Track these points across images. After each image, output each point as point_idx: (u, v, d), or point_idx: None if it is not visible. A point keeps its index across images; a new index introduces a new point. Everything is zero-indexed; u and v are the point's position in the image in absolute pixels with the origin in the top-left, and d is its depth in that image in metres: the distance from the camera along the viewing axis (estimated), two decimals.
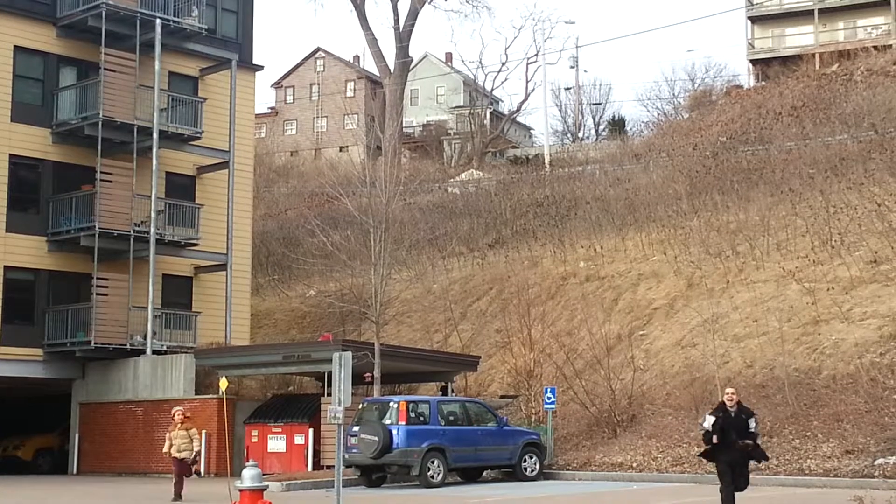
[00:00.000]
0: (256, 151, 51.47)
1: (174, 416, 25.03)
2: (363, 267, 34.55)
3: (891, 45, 58.09)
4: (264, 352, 33.73)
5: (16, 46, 35.69)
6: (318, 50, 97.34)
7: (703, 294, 33.99)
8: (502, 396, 34.27)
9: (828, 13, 63.57)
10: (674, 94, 76.55)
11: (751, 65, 65.47)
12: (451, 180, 61.18)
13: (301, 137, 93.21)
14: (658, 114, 74.13)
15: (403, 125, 76.42)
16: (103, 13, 35.32)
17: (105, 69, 35.24)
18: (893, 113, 45.28)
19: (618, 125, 77.44)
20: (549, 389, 29.84)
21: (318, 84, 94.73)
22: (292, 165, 78.95)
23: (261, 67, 41.46)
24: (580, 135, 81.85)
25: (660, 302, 35.53)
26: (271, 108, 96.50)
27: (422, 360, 33.17)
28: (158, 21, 36.30)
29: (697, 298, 34.22)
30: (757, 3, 65.76)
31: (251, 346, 37.67)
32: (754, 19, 65.89)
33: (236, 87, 38.66)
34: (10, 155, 35.33)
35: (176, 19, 37.03)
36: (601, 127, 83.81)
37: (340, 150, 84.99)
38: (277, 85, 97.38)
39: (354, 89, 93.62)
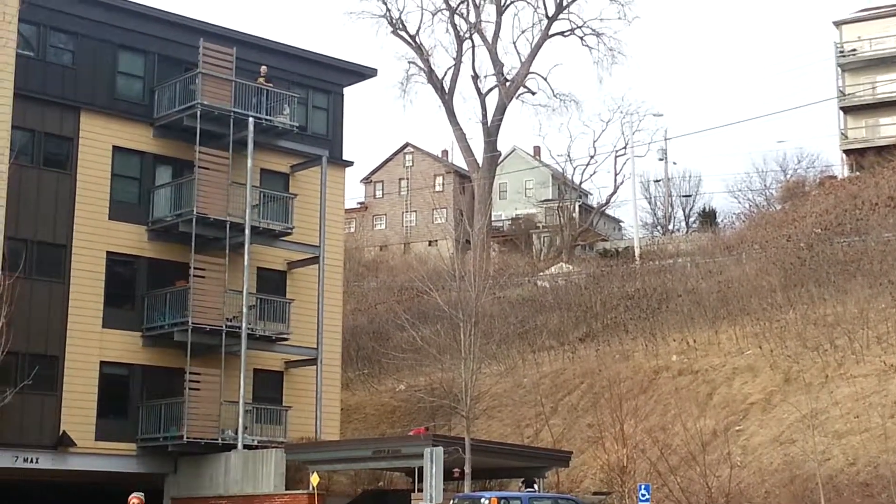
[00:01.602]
0: (346, 246, 51.93)
1: None
2: (453, 361, 34.39)
3: None
4: (354, 447, 33.59)
5: (114, 146, 36.58)
6: (406, 145, 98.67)
7: (801, 389, 33.13)
8: (595, 493, 33.62)
9: None
10: (765, 186, 75.82)
11: (844, 155, 64.70)
12: (541, 274, 61.01)
13: (390, 232, 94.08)
14: (750, 205, 73.39)
15: (492, 219, 76.73)
16: (198, 113, 36.15)
17: (199, 167, 35.96)
18: None
19: (708, 217, 76.80)
20: (643, 486, 29.19)
21: (407, 179, 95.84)
22: (382, 260, 79.51)
23: (350, 163, 41.98)
24: (670, 227, 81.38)
25: (756, 396, 34.73)
26: (361, 203, 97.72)
27: (513, 455, 32.73)
28: (251, 120, 37.00)
29: (795, 393, 33.37)
30: (849, 94, 65.15)
31: (341, 441, 37.55)
32: (847, 109, 65.28)
33: (326, 182, 39.08)
34: (108, 252, 36.02)
35: (268, 118, 37.71)
36: (691, 219, 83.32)
37: (429, 245, 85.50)
38: (367, 180, 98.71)
39: (443, 184, 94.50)
